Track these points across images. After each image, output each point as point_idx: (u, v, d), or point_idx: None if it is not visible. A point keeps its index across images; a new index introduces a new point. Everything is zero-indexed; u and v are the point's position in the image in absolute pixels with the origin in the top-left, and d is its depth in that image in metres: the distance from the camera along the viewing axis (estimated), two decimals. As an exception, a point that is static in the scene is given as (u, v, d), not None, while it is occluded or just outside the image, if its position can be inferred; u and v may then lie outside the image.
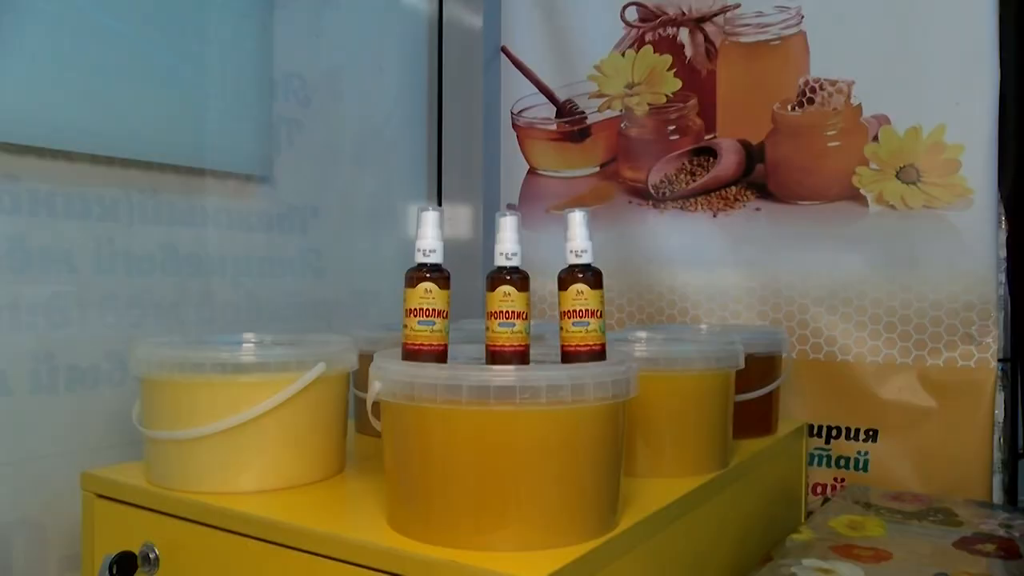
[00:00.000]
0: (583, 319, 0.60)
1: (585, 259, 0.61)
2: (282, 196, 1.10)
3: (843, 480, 1.09)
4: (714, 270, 1.18)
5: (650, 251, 1.23)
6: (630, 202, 1.25)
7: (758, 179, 1.16)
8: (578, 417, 0.56)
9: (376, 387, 0.58)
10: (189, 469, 0.68)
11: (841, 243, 1.09)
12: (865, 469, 1.07)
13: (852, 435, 1.08)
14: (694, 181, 1.20)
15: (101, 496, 0.72)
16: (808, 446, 1.09)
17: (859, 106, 1.08)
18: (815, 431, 1.10)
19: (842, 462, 1.08)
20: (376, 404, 0.60)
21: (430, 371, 0.55)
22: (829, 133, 1.10)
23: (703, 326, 1.11)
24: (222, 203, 1.02)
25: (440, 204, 1.36)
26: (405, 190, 1.32)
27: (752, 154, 1.16)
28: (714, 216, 1.19)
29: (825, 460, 1.10)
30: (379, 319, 1.13)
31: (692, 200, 1.20)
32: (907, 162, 1.05)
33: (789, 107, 1.13)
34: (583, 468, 0.57)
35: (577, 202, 1.28)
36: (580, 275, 0.60)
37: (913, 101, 1.04)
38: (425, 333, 0.59)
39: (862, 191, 1.08)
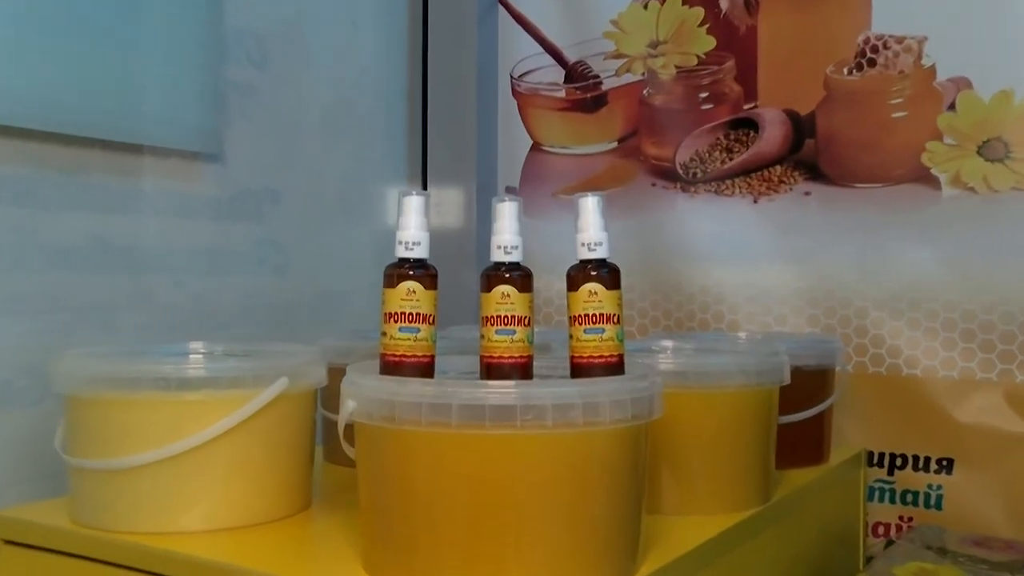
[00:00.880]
0: (597, 325, 0.60)
1: (600, 253, 0.61)
2: (234, 177, 1.10)
3: (911, 519, 1.09)
4: (755, 266, 1.19)
5: (678, 243, 1.24)
6: (654, 184, 1.26)
7: (808, 157, 1.16)
8: (591, 442, 0.57)
9: (349, 407, 0.59)
10: (124, 505, 0.68)
11: (908, 234, 1.09)
12: (938, 507, 1.08)
13: (922, 465, 1.09)
14: (731, 159, 1.21)
15: (11, 542, 0.72)
16: (867, 478, 1.10)
17: (932, 67, 1.08)
18: (876, 460, 1.11)
19: (909, 497, 1.09)
20: (349, 427, 0.61)
21: (414, 387, 0.56)
22: (894, 101, 1.11)
23: (742, 334, 1.12)
24: (162, 185, 1.02)
25: (425, 187, 1.37)
26: (383, 170, 1.33)
27: (801, 127, 1.17)
28: (755, 201, 1.19)
29: (888, 495, 1.10)
30: (352, 325, 1.13)
31: (729, 182, 1.21)
32: (992, 135, 1.06)
33: (846, 70, 1.13)
34: (597, 503, 0.57)
35: (590, 185, 1.29)
36: (593, 272, 0.61)
37: (1002, 59, 1.04)
38: (408, 342, 0.60)
39: (934, 171, 1.09)
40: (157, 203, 1.02)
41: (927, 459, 1.09)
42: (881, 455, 1.11)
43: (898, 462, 1.10)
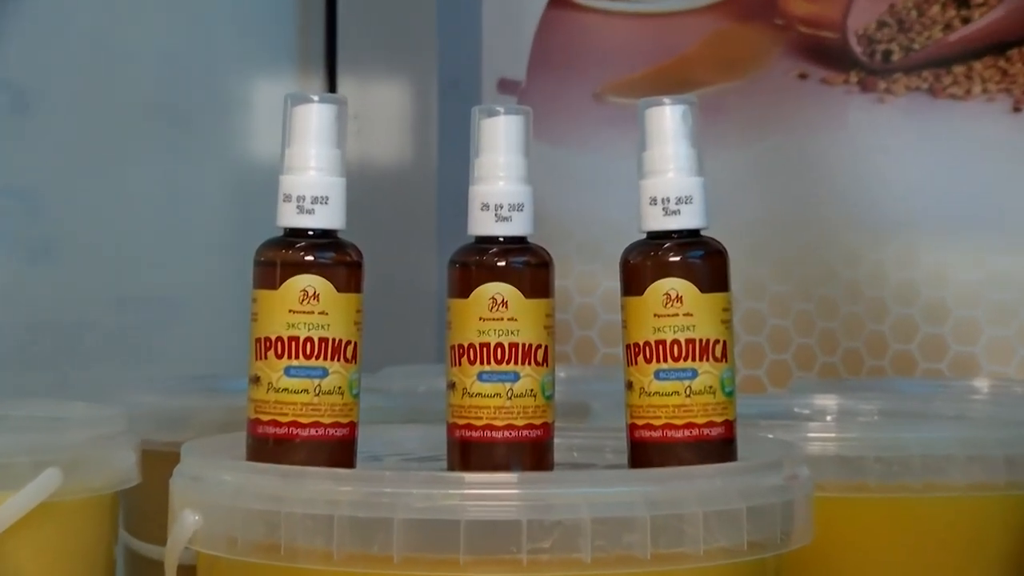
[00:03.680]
0: (682, 364, 0.63)
1: (688, 219, 0.63)
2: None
3: None
4: (1013, 245, 1.21)
5: (853, 197, 1.26)
6: (804, 76, 1.28)
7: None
8: (670, 595, 0.59)
9: (188, 525, 0.61)
10: None
11: None
12: None
13: None
14: (962, 25, 1.23)
15: None
16: None
17: None
18: None
19: None
20: (188, 569, 0.63)
21: (317, 486, 0.58)
22: None
23: (982, 382, 1.14)
24: None
25: (334, 87, 1.39)
26: (252, 51, 1.34)
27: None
28: (1017, 109, 1.21)
29: None
30: (187, 365, 1.15)
31: (959, 71, 1.23)
32: None
33: None
34: None
35: (672, 76, 1.31)
36: (675, 258, 0.63)
37: None
38: (304, 397, 0.62)
39: None
40: None
41: None
42: None
43: None
